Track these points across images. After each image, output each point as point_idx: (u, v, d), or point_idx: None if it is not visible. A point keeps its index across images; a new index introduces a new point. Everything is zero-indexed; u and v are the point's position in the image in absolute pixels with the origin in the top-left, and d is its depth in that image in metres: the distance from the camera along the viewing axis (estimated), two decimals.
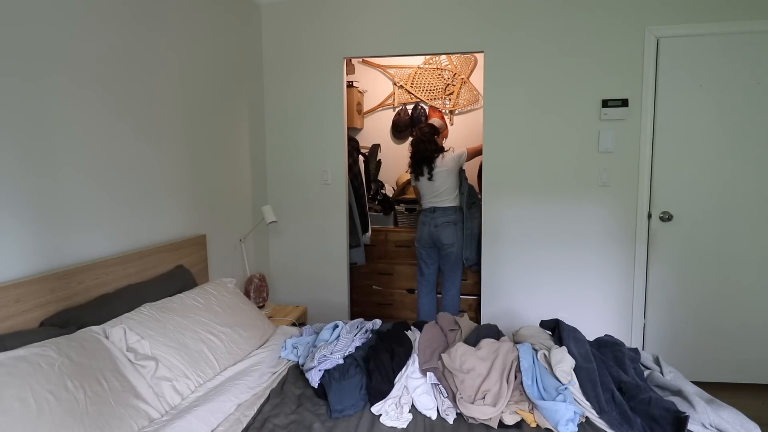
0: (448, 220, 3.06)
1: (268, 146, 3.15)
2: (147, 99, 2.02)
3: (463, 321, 1.98)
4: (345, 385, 1.55)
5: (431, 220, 3.10)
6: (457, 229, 3.07)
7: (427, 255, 3.19)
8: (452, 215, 3.07)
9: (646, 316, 2.82)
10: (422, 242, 3.17)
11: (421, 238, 3.17)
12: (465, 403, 1.50)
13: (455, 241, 3.06)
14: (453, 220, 3.06)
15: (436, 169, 3.07)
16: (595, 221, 2.80)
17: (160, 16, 2.10)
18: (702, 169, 2.67)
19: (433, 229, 3.08)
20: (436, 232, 3.07)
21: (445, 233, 3.05)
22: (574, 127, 2.77)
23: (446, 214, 3.07)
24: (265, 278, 2.82)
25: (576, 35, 2.72)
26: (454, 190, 3.09)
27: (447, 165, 3.07)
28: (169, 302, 1.83)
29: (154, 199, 2.08)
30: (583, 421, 1.46)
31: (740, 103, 2.60)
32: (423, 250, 3.19)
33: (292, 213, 3.17)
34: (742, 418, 1.42)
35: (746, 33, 2.56)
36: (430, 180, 3.10)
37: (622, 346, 1.76)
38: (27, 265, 1.49)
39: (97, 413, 1.26)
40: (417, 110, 3.95)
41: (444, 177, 3.06)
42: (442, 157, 3.09)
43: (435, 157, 3.08)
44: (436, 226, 3.07)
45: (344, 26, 2.97)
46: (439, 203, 3.09)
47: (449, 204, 3.08)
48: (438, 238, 3.08)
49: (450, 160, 3.08)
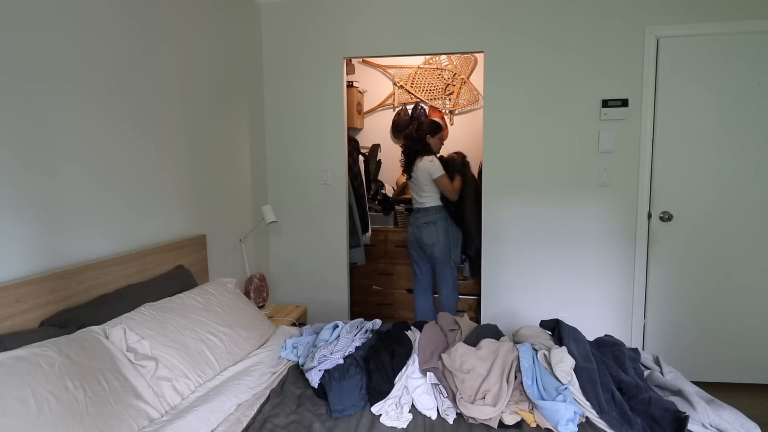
0: (428, 221, 3.04)
1: (268, 146, 3.15)
2: (147, 99, 2.02)
3: (463, 321, 1.98)
4: (345, 385, 1.55)
5: (415, 220, 3.13)
6: (438, 228, 3.03)
7: (417, 256, 3.20)
8: (432, 215, 3.04)
9: (646, 316, 2.82)
10: (410, 243, 3.20)
11: (408, 239, 3.21)
12: (465, 403, 1.50)
13: (436, 241, 3.02)
14: (433, 220, 3.03)
15: (415, 170, 3.05)
16: (595, 221, 2.80)
17: (160, 17, 2.10)
18: (702, 169, 2.67)
19: (415, 229, 3.10)
20: (418, 233, 3.08)
21: (426, 233, 3.04)
22: (574, 127, 2.77)
23: (427, 214, 3.06)
24: (265, 278, 2.82)
25: (576, 35, 2.72)
26: (431, 191, 3.03)
27: (417, 171, 3.03)
28: (169, 302, 1.83)
29: (154, 199, 2.08)
30: (583, 421, 1.46)
31: (740, 103, 2.60)
32: (412, 251, 3.21)
33: (292, 213, 3.17)
34: (742, 418, 1.42)
35: (746, 33, 2.56)
36: (410, 180, 3.11)
37: (622, 346, 1.76)
38: (27, 265, 1.49)
39: (97, 413, 1.26)
40: (417, 110, 3.95)
41: (422, 179, 3.02)
42: (420, 159, 3.02)
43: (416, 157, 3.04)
44: (417, 227, 3.08)
45: (344, 26, 2.97)
46: (422, 204, 3.09)
47: (430, 204, 3.05)
48: (419, 239, 3.08)
49: (420, 167, 3.01)
